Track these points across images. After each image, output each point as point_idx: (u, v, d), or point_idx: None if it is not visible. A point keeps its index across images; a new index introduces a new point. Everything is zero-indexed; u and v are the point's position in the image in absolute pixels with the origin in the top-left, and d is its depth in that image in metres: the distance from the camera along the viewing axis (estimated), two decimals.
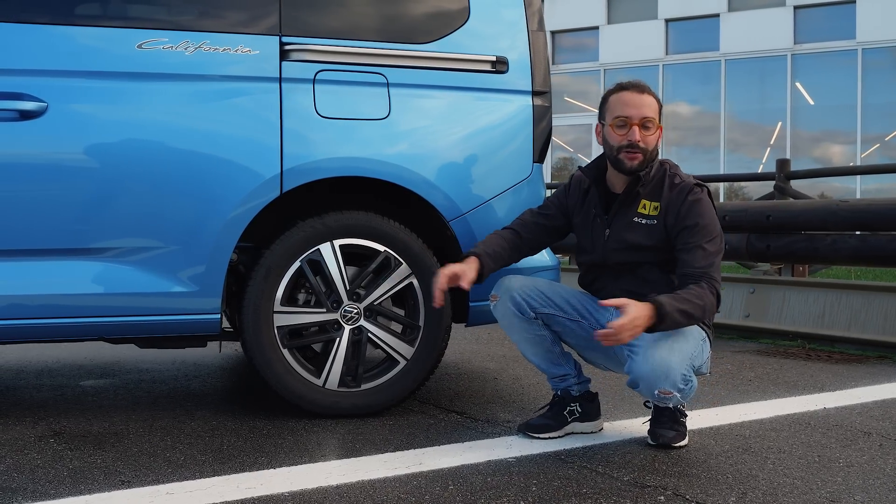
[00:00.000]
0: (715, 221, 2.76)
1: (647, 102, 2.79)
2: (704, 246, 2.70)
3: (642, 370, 2.62)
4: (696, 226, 2.72)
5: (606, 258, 2.85)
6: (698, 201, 2.74)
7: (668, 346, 2.62)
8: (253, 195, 2.96)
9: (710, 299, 2.66)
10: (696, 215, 2.73)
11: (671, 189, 2.78)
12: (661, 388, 2.62)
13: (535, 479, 2.40)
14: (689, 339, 2.69)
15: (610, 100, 2.84)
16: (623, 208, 2.83)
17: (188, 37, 2.97)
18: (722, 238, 2.78)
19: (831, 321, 5.37)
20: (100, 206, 2.87)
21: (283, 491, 2.24)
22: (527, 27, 3.40)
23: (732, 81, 16.81)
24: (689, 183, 2.79)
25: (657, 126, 2.81)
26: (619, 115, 2.79)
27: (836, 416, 3.31)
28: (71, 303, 2.85)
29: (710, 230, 2.73)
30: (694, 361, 2.68)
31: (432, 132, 3.22)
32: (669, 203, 2.76)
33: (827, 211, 5.62)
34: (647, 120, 2.77)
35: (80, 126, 2.87)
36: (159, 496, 2.19)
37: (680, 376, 2.62)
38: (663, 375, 2.60)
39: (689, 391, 2.68)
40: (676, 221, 2.74)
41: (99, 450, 2.64)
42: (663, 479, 2.43)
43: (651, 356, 2.60)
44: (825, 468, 2.58)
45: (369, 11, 3.26)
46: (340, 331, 3.08)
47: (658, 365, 2.59)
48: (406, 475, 2.41)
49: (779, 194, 7.84)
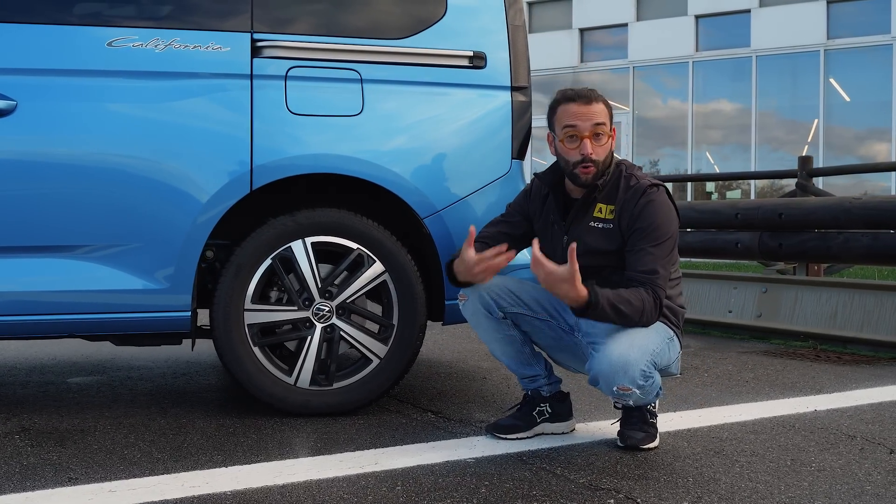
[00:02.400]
0: (669, 222, 2.68)
1: (595, 111, 2.70)
2: (652, 250, 2.63)
3: (601, 366, 2.56)
4: (648, 228, 2.65)
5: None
6: (651, 203, 2.67)
7: (629, 341, 2.56)
8: (222, 192, 2.96)
9: (649, 305, 2.59)
10: (649, 216, 2.66)
11: (626, 191, 2.71)
12: (619, 383, 2.55)
13: (487, 481, 2.35)
14: (652, 336, 2.62)
15: (558, 111, 2.75)
16: (580, 214, 2.77)
17: (159, 34, 2.97)
18: (674, 239, 2.70)
19: (844, 321, 5.23)
20: (69, 204, 2.88)
21: (226, 490, 2.22)
22: (507, 22, 3.34)
23: (764, 78, 16.52)
24: (644, 184, 2.71)
25: (608, 133, 2.74)
26: (567, 126, 2.70)
27: (824, 419, 3.21)
28: (40, 299, 2.87)
29: (661, 232, 2.65)
30: (656, 359, 2.62)
31: (407, 128, 3.19)
32: (624, 205, 2.70)
33: (840, 208, 5.47)
34: (597, 128, 2.69)
35: (50, 124, 2.88)
36: (101, 493, 2.19)
37: (639, 372, 2.55)
38: (622, 370, 2.54)
39: (650, 388, 2.61)
40: (630, 223, 2.68)
41: (59, 446, 2.65)
42: (620, 482, 2.37)
43: (610, 351, 2.55)
44: (794, 472, 2.50)
45: (343, 7, 3.24)
46: (312, 329, 3.06)
47: (617, 360, 2.53)
48: (356, 475, 2.38)
49: (801, 192, 7.67)
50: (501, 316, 2.79)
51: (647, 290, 2.61)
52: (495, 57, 3.30)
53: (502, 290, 2.80)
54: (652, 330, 2.63)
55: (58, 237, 2.88)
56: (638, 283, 2.62)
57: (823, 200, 5.82)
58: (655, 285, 2.62)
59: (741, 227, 6.12)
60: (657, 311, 2.63)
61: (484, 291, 2.78)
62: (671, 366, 2.75)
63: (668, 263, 2.68)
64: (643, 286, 2.61)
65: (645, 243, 2.64)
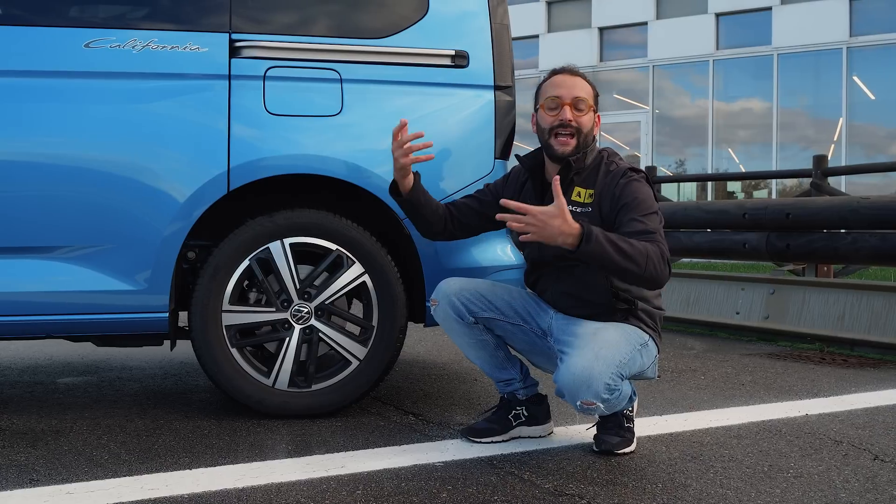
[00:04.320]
0: (653, 201, 2.60)
1: (579, 84, 2.70)
2: (643, 219, 2.53)
3: (565, 379, 2.50)
4: (634, 200, 2.56)
5: (544, 249, 2.74)
6: (632, 182, 2.61)
7: (593, 353, 2.50)
8: (199, 193, 2.95)
9: (655, 253, 2.44)
10: (632, 192, 2.58)
11: (606, 175, 2.66)
12: (582, 398, 2.49)
13: (450, 486, 2.31)
14: (622, 345, 2.56)
15: (542, 86, 2.77)
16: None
17: (136, 35, 2.97)
18: (660, 217, 2.61)
19: (851, 323, 5.13)
20: (47, 205, 2.88)
21: (184, 493, 2.21)
22: (490, 21, 3.31)
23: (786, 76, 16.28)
24: (625, 167, 2.66)
25: (591, 109, 2.70)
26: (549, 96, 2.70)
27: (813, 424, 3.14)
28: (16, 300, 2.87)
29: (647, 205, 2.57)
30: (624, 370, 2.55)
31: (386, 129, 3.14)
32: (604, 188, 2.64)
33: (847, 208, 5.37)
34: (578, 100, 2.67)
35: (28, 125, 2.88)
36: (57, 496, 2.18)
37: (603, 386, 2.48)
38: (584, 385, 2.47)
39: (615, 401, 2.55)
40: (613, 204, 2.60)
41: (30, 447, 2.65)
42: (586, 488, 2.32)
43: (574, 364, 2.48)
44: (769, 479, 2.44)
45: (323, 7, 3.22)
46: (290, 330, 3.04)
47: (580, 374, 2.47)
48: (319, 479, 2.35)
49: (815, 192, 7.56)
50: (473, 321, 2.75)
51: (650, 242, 2.48)
52: (478, 56, 3.27)
53: (473, 295, 2.76)
54: (622, 338, 2.57)
55: (35, 238, 2.88)
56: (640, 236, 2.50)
57: (831, 200, 5.72)
58: (656, 241, 2.49)
59: (748, 227, 6.04)
60: (664, 263, 2.46)
61: (454, 296, 2.75)
62: (646, 371, 2.69)
63: (661, 235, 2.56)
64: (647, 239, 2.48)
65: (634, 214, 2.54)
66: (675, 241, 6.65)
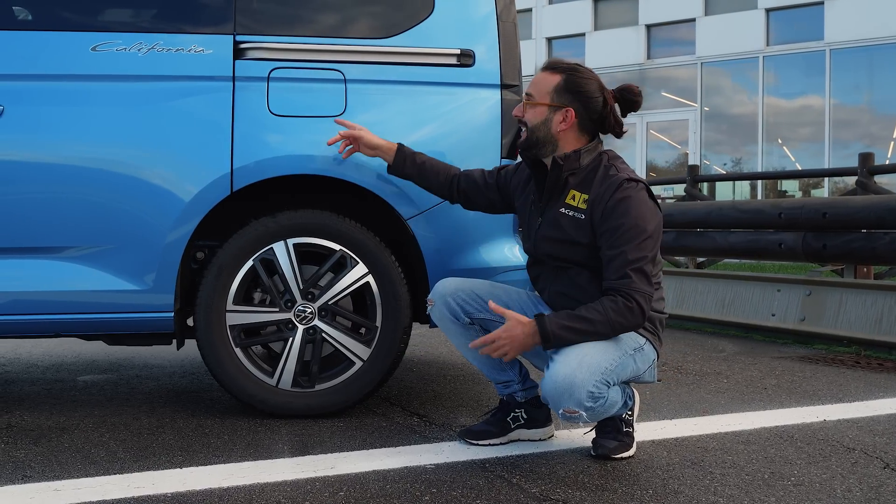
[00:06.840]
0: (645, 221, 2.51)
1: (537, 79, 2.69)
2: (626, 250, 2.48)
3: (547, 387, 2.46)
4: (619, 227, 2.50)
5: (537, 247, 2.70)
6: (626, 199, 2.52)
7: (577, 360, 2.44)
8: (203, 194, 2.97)
9: (616, 314, 2.45)
10: (621, 214, 2.51)
11: (602, 181, 2.59)
12: (564, 406, 2.44)
13: (435, 489, 2.29)
14: (610, 352, 2.50)
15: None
16: (553, 196, 2.67)
17: (142, 38, 3.00)
18: (654, 238, 2.53)
19: (889, 326, 4.95)
20: (55, 207, 2.93)
21: (167, 492, 2.22)
22: (497, 19, 3.27)
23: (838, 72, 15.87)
24: (622, 177, 2.56)
25: (543, 104, 2.64)
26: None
27: (829, 430, 3.05)
28: (25, 299, 2.92)
29: (634, 232, 2.49)
30: (610, 377, 2.49)
31: (391, 128, 3.14)
32: (597, 196, 2.58)
33: (885, 208, 5.21)
34: (527, 95, 2.69)
35: (36, 128, 2.94)
36: (45, 492, 2.21)
37: (586, 394, 2.43)
38: (566, 393, 2.42)
39: (600, 409, 2.49)
40: (602, 219, 2.54)
41: (33, 444, 2.70)
42: (574, 493, 2.28)
43: (556, 372, 2.44)
44: (766, 486, 2.37)
45: (327, 7, 3.22)
46: (294, 330, 3.05)
47: (562, 381, 2.42)
48: (305, 479, 2.35)
49: (861, 190, 7.35)
50: (468, 322, 2.72)
51: (618, 296, 2.47)
52: (485, 55, 3.24)
53: (469, 296, 2.73)
54: (611, 343, 2.52)
55: (44, 239, 2.94)
56: (612, 291, 2.49)
57: (870, 199, 5.55)
58: (629, 289, 2.47)
59: (784, 227, 5.90)
60: (636, 313, 2.47)
61: (450, 297, 2.72)
62: (643, 375, 2.63)
63: (646, 262, 2.51)
64: (617, 293, 2.48)
65: (618, 244, 2.50)
66: (710, 241, 6.52)
